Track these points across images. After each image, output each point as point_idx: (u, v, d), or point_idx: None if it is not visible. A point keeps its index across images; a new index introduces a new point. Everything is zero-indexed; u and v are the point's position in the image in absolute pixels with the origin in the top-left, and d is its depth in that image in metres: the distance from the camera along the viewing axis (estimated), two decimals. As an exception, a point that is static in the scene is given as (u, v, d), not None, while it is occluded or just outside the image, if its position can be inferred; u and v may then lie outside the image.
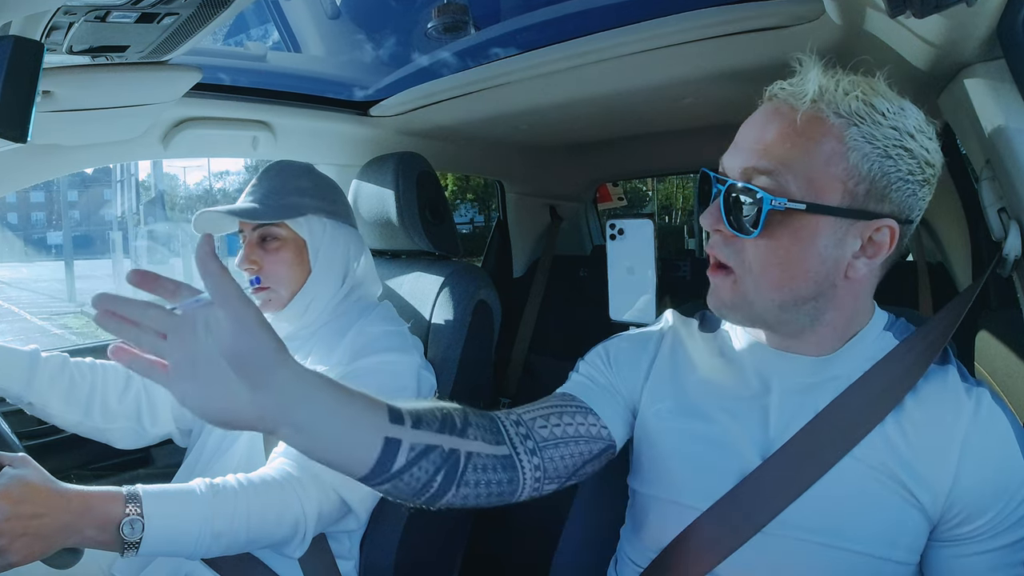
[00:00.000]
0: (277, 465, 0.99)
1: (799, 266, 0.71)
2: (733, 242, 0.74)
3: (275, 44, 1.75)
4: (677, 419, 0.83)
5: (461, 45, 1.52)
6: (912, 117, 0.70)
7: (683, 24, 1.13)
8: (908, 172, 0.70)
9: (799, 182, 0.69)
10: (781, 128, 0.70)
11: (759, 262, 0.72)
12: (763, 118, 0.73)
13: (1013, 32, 0.74)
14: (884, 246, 0.71)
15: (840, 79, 0.70)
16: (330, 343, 1.17)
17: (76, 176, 16.06)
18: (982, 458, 0.70)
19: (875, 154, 0.68)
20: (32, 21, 0.82)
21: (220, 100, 1.46)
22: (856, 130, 0.68)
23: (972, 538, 0.70)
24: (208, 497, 0.88)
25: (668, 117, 1.70)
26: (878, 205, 0.70)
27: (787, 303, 0.73)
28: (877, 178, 0.69)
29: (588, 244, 2.78)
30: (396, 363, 1.13)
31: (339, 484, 1.00)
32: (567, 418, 0.82)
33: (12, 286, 15.65)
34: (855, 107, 0.68)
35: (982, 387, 0.74)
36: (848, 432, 0.73)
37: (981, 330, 0.93)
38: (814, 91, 0.69)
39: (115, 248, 10.41)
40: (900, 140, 0.69)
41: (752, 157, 0.72)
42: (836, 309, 0.75)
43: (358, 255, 1.26)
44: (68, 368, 1.17)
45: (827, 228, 0.70)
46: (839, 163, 0.68)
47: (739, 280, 0.74)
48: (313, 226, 1.19)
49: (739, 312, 0.77)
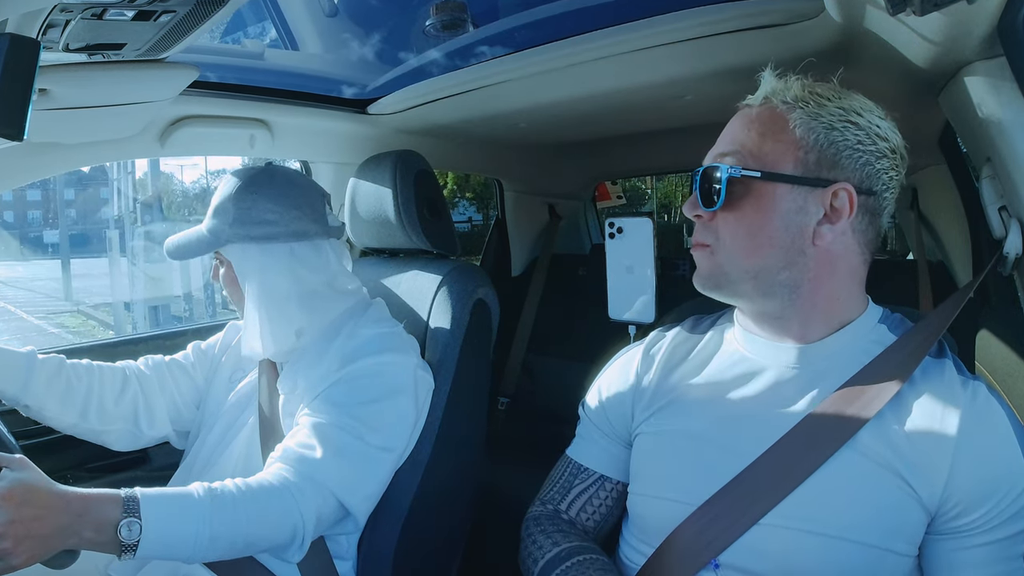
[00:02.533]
0: (275, 470, 0.98)
1: (764, 232, 0.78)
2: (709, 223, 0.83)
3: (272, 42, 1.74)
4: (670, 421, 0.86)
5: (459, 43, 1.52)
6: (859, 101, 0.79)
7: (683, 22, 1.13)
8: (857, 142, 0.77)
9: (755, 156, 0.79)
10: (741, 123, 0.83)
11: (728, 233, 0.80)
12: (730, 123, 0.86)
13: (1014, 30, 0.74)
14: (844, 211, 0.77)
15: (791, 81, 0.81)
16: (319, 349, 1.15)
17: (73, 174, 16.03)
18: (978, 451, 0.70)
19: (820, 127, 0.77)
20: (28, 19, 0.81)
21: (217, 98, 1.45)
22: (801, 111, 0.78)
23: (970, 531, 0.71)
24: (206, 501, 0.88)
25: (667, 115, 1.70)
26: (831, 172, 0.77)
27: (760, 272, 0.79)
28: (824, 147, 0.77)
29: (587, 243, 2.79)
30: (391, 364, 1.12)
31: (337, 488, 1.00)
32: (596, 501, 0.97)
33: (8, 285, 15.61)
34: (800, 95, 0.79)
35: (978, 380, 0.76)
36: (845, 424, 0.74)
37: (982, 329, 0.93)
38: (766, 91, 0.82)
39: (112, 247, 10.37)
40: (845, 115, 0.78)
41: (720, 147, 0.84)
42: (812, 281, 0.79)
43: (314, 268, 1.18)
44: (65, 370, 1.16)
45: (785, 195, 0.77)
46: (787, 137, 0.78)
47: (715, 252, 0.82)
48: (235, 252, 1.16)
49: (718, 283, 0.83)
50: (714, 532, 0.76)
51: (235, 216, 1.14)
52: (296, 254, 1.16)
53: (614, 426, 0.95)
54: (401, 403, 1.11)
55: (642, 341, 1.00)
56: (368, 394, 1.07)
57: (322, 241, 1.20)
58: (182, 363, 1.30)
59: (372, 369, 1.10)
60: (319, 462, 0.99)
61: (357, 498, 1.03)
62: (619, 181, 2.89)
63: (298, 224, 1.17)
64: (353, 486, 1.03)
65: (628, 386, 0.94)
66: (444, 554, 1.31)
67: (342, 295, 1.21)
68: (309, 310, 1.16)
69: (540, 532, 0.93)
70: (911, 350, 0.77)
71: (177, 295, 10.23)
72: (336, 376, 1.09)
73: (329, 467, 1.00)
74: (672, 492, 0.82)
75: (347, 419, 1.04)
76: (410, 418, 1.13)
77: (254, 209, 1.15)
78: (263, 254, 1.15)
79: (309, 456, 1.00)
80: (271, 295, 1.14)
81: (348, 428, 1.03)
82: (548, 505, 0.99)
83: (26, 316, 11.79)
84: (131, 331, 8.50)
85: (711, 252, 0.83)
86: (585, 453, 0.98)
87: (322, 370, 1.12)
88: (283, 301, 1.15)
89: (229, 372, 1.29)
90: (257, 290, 1.15)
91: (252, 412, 1.18)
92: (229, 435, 1.18)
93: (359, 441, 1.04)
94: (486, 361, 1.35)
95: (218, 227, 1.15)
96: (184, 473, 1.19)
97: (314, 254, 1.18)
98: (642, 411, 0.91)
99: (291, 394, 1.14)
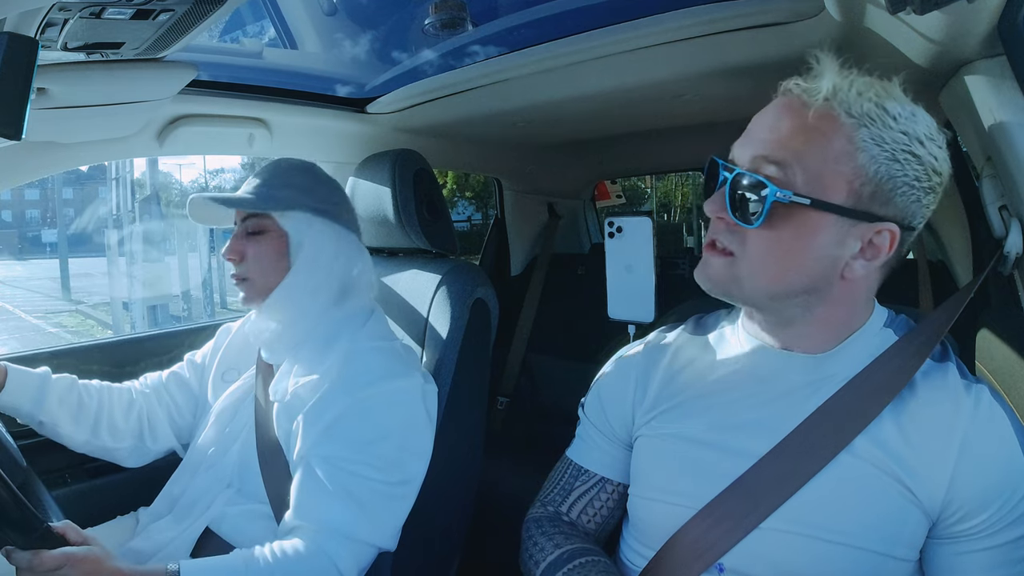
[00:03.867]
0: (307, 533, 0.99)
1: (796, 260, 0.72)
2: (735, 230, 0.75)
3: (271, 41, 1.74)
4: (672, 425, 0.85)
5: (458, 42, 1.52)
6: (923, 124, 0.71)
7: (682, 20, 1.13)
8: (915, 178, 0.70)
9: (806, 176, 0.70)
10: (793, 122, 0.71)
11: (759, 252, 0.73)
12: (776, 111, 0.74)
13: (1014, 28, 0.74)
14: (883, 249, 0.72)
15: (855, 79, 0.71)
16: (315, 353, 1.14)
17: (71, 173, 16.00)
18: (981, 455, 0.70)
19: (883, 157, 0.69)
20: (27, 18, 0.81)
21: (216, 97, 1.45)
22: (866, 131, 0.69)
23: (972, 535, 0.70)
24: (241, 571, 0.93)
25: (667, 114, 1.70)
26: (882, 208, 0.70)
27: (778, 294, 0.75)
28: (883, 181, 0.69)
29: (586, 242, 2.78)
30: (401, 391, 1.10)
31: (376, 537, 1.03)
32: (597, 503, 0.95)
33: (7, 284, 15.60)
34: (867, 108, 0.69)
35: (981, 384, 0.74)
36: (845, 428, 0.73)
37: (982, 329, 0.93)
38: (828, 89, 0.70)
39: (110, 246, 10.36)
40: (909, 145, 0.69)
41: (763, 147, 0.72)
42: (829, 305, 0.76)
43: (353, 261, 1.20)
44: (76, 388, 1.20)
45: (829, 226, 0.70)
46: (847, 162, 0.69)
47: (735, 263, 0.75)
48: (299, 221, 1.16)
49: (726, 291, 0.78)
50: (716, 535, 0.75)
51: (306, 186, 1.18)
52: (346, 240, 1.20)
53: (614, 428, 0.94)
54: (417, 433, 1.11)
55: (642, 341, 0.98)
56: (382, 429, 1.06)
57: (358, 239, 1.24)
58: (179, 376, 1.32)
59: (383, 399, 1.08)
60: (348, 519, 1.00)
61: (389, 536, 1.06)
62: (618, 180, 2.89)
63: (350, 215, 1.23)
64: (383, 529, 1.05)
65: (629, 388, 0.93)
66: (443, 553, 1.30)
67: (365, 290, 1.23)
68: (337, 299, 1.18)
69: (541, 534, 0.92)
70: (912, 353, 0.76)
71: (175, 294, 10.23)
72: (344, 405, 1.06)
73: (359, 521, 1.01)
74: (674, 495, 0.81)
75: (364, 466, 1.03)
76: (427, 443, 1.14)
77: (320, 188, 1.20)
78: (324, 227, 1.17)
79: (337, 516, 1.00)
80: (327, 269, 1.17)
81: (368, 474, 1.03)
82: (549, 507, 0.98)
83: (24, 315, 11.77)
84: (129, 330, 8.49)
85: (732, 261, 0.75)
86: (585, 455, 0.97)
87: (315, 383, 1.09)
88: (328, 279, 1.17)
89: (222, 371, 1.29)
90: (310, 263, 1.15)
91: (248, 414, 1.17)
92: (226, 437, 1.17)
93: (382, 485, 1.04)
94: (485, 360, 1.35)
95: (283, 193, 1.16)
96: (182, 474, 1.19)
97: (356, 247, 1.22)
98: (644, 414, 0.89)
99: (283, 401, 1.12)
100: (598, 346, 1.16)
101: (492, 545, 1.45)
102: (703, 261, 0.79)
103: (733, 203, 0.73)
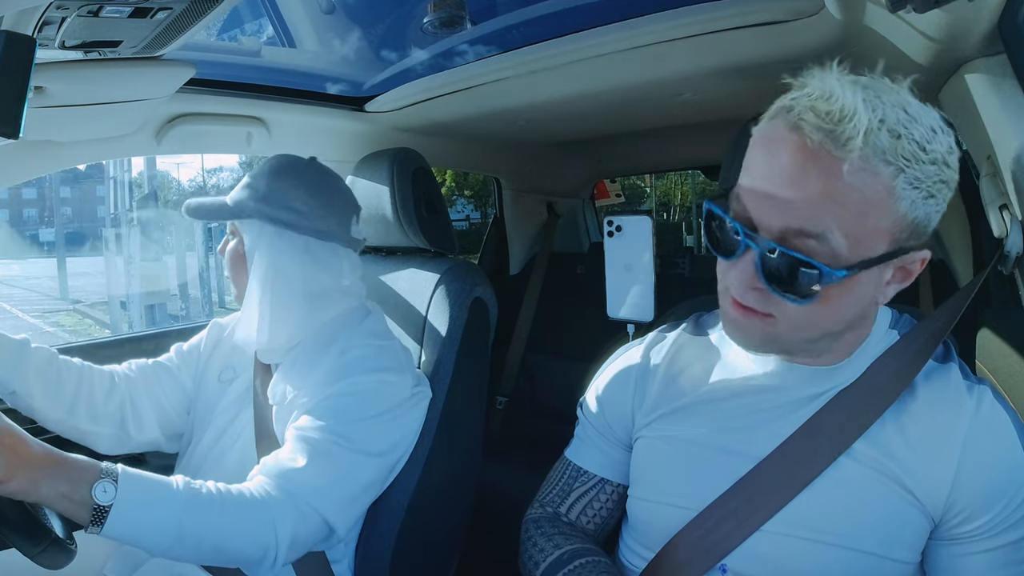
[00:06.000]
0: (257, 482, 0.96)
1: (841, 314, 0.69)
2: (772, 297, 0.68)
3: (269, 39, 1.73)
4: (673, 427, 0.84)
5: (458, 40, 1.51)
6: (943, 139, 0.64)
7: (682, 19, 1.13)
8: (944, 202, 0.66)
9: (848, 243, 0.63)
10: (825, 182, 0.61)
11: (803, 317, 0.68)
12: (798, 163, 0.63)
13: (1015, 27, 0.74)
14: (915, 272, 0.70)
15: (882, 108, 0.61)
16: (311, 356, 1.13)
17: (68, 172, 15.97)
18: (983, 457, 0.70)
19: (919, 197, 0.63)
20: (24, 16, 0.81)
21: (214, 96, 1.44)
22: (903, 177, 0.61)
23: (974, 537, 0.70)
24: (183, 494, 0.87)
25: (666, 113, 1.70)
26: (918, 240, 0.67)
27: (817, 339, 0.72)
28: (920, 220, 0.65)
29: (586, 241, 2.78)
30: (389, 384, 1.09)
31: (321, 504, 0.97)
32: (596, 504, 0.95)
33: (4, 283, 15.57)
34: (903, 150, 0.61)
35: (983, 385, 0.74)
36: (846, 431, 0.73)
37: (983, 328, 0.93)
38: (861, 136, 0.60)
39: (108, 245, 10.35)
40: (939, 174, 0.63)
41: (795, 217, 0.63)
42: (856, 329, 0.75)
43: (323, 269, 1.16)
44: (56, 362, 1.14)
45: (871, 276, 0.67)
46: (888, 216, 0.63)
47: (776, 324, 0.70)
48: (251, 228, 1.14)
49: (769, 349, 0.75)
50: (716, 537, 0.75)
51: (264, 193, 1.14)
52: (311, 250, 1.15)
53: (614, 429, 0.93)
54: (396, 418, 1.09)
55: (641, 341, 0.97)
56: (361, 412, 1.05)
57: (339, 247, 1.19)
58: (166, 365, 1.28)
59: (368, 387, 1.07)
60: (302, 477, 0.96)
61: (341, 511, 1.00)
62: (618, 179, 2.89)
63: (322, 223, 1.15)
64: (337, 499, 0.99)
65: (628, 390, 0.92)
66: (442, 554, 1.30)
67: (344, 296, 1.19)
68: (308, 308, 1.15)
69: (540, 535, 0.91)
70: (914, 354, 0.75)
71: (173, 293, 10.22)
72: (329, 390, 1.06)
73: (312, 481, 0.96)
74: (674, 497, 0.81)
75: (335, 434, 1.00)
76: (406, 429, 1.12)
77: (286, 194, 1.14)
78: (278, 237, 1.13)
79: (292, 471, 0.96)
80: (275, 281, 1.13)
81: (335, 441, 1.00)
82: (548, 508, 0.98)
83: (21, 315, 11.75)
84: (127, 330, 8.48)
85: (772, 323, 0.70)
86: (584, 456, 0.97)
87: (313, 381, 1.09)
88: (285, 290, 1.13)
89: (217, 371, 1.26)
90: (262, 272, 1.13)
91: (246, 415, 1.17)
92: (225, 439, 1.16)
93: (346, 451, 1.00)
94: (484, 360, 1.35)
95: (243, 199, 1.14)
96: (183, 475, 1.18)
97: (328, 255, 1.17)
98: (643, 416, 0.88)
99: (281, 403, 1.12)
100: (597, 345, 1.16)
101: (491, 544, 1.45)
102: (738, 324, 0.72)
103: (770, 277, 0.66)
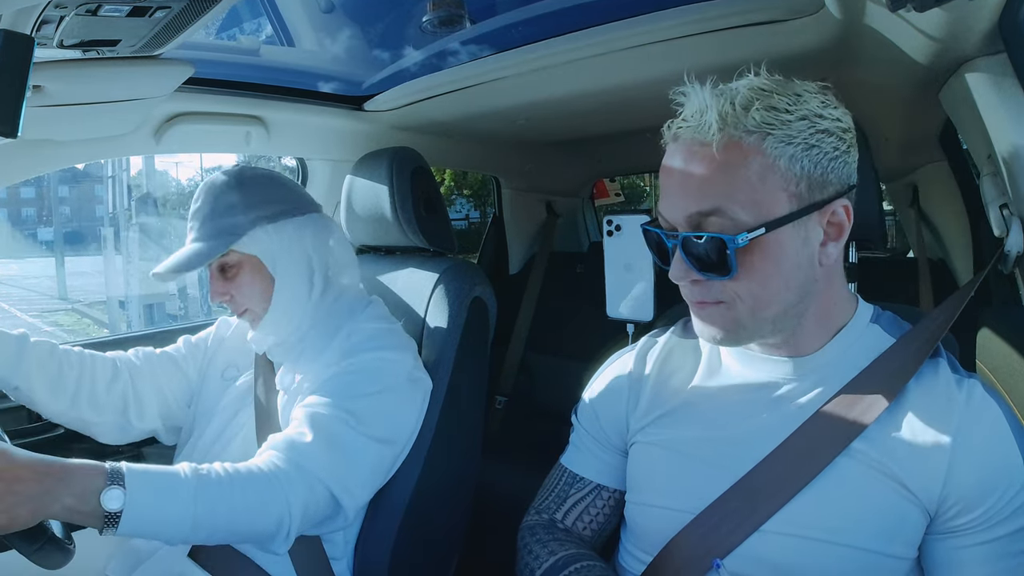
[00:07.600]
0: (265, 458, 0.96)
1: (781, 280, 0.73)
2: (713, 283, 0.74)
3: (268, 38, 1.73)
4: (667, 431, 0.85)
5: (457, 39, 1.51)
6: (810, 100, 0.71)
7: (682, 18, 1.13)
8: (833, 148, 0.71)
9: (746, 210, 0.70)
10: (704, 167, 0.71)
11: (745, 291, 0.73)
12: (681, 161, 0.73)
13: (1015, 26, 0.74)
14: (844, 223, 0.73)
15: (732, 95, 0.71)
16: (319, 345, 1.15)
17: (67, 172, 15.94)
18: (975, 449, 0.70)
19: (799, 151, 0.69)
20: (22, 15, 0.81)
21: (213, 95, 1.44)
22: (771, 139, 0.69)
23: (970, 529, 0.70)
24: (192, 481, 0.86)
25: (666, 112, 1.68)
26: (824, 191, 0.71)
27: (779, 316, 0.75)
28: (812, 170, 0.70)
29: (585, 240, 2.78)
30: (390, 361, 1.11)
31: (328, 477, 0.98)
32: (592, 510, 0.95)
33: (2, 283, 15.54)
34: (759, 119, 0.69)
35: (974, 379, 0.75)
36: (843, 431, 0.73)
37: (983, 327, 0.93)
38: (716, 120, 0.69)
39: (107, 245, 10.33)
40: (812, 125, 0.69)
41: (691, 203, 0.72)
42: (816, 298, 0.76)
43: (322, 239, 1.19)
44: (56, 354, 1.14)
45: (790, 235, 0.71)
46: (773, 176, 0.69)
47: (730, 308, 0.75)
48: (260, 239, 1.13)
49: (738, 337, 0.78)
50: (715, 539, 0.75)
51: (248, 201, 1.13)
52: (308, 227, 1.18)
53: (608, 435, 0.94)
54: (397, 399, 1.11)
55: (633, 347, 0.98)
56: (364, 388, 1.06)
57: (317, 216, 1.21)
58: (173, 356, 1.28)
59: (370, 364, 1.09)
60: (310, 450, 0.97)
61: (348, 488, 1.01)
62: (617, 178, 2.89)
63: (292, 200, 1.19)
64: (344, 475, 1.00)
65: (622, 396, 0.93)
66: (441, 553, 1.30)
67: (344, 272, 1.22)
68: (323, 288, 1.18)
69: (536, 542, 0.92)
70: (912, 353, 0.76)
71: (172, 293, 10.20)
72: (334, 369, 1.08)
73: (320, 455, 0.98)
74: (671, 501, 0.81)
75: (341, 411, 1.02)
76: (406, 414, 1.12)
77: (259, 192, 1.15)
78: (285, 228, 1.15)
79: (300, 444, 0.98)
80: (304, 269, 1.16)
81: (341, 418, 1.02)
82: (543, 514, 0.97)
83: (19, 314, 11.72)
84: (126, 329, 8.47)
85: (726, 308, 0.75)
86: (580, 462, 0.97)
87: (321, 364, 1.11)
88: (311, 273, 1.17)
89: (221, 368, 1.27)
90: (292, 270, 1.15)
91: (248, 411, 1.17)
92: (226, 435, 1.17)
93: (352, 430, 1.02)
94: (483, 359, 1.35)
95: (228, 222, 1.12)
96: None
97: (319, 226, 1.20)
98: (637, 421, 0.89)
99: (290, 389, 1.13)
100: (597, 345, 1.16)
101: (490, 544, 1.45)
102: (701, 319, 0.78)
103: (696, 263, 0.73)
